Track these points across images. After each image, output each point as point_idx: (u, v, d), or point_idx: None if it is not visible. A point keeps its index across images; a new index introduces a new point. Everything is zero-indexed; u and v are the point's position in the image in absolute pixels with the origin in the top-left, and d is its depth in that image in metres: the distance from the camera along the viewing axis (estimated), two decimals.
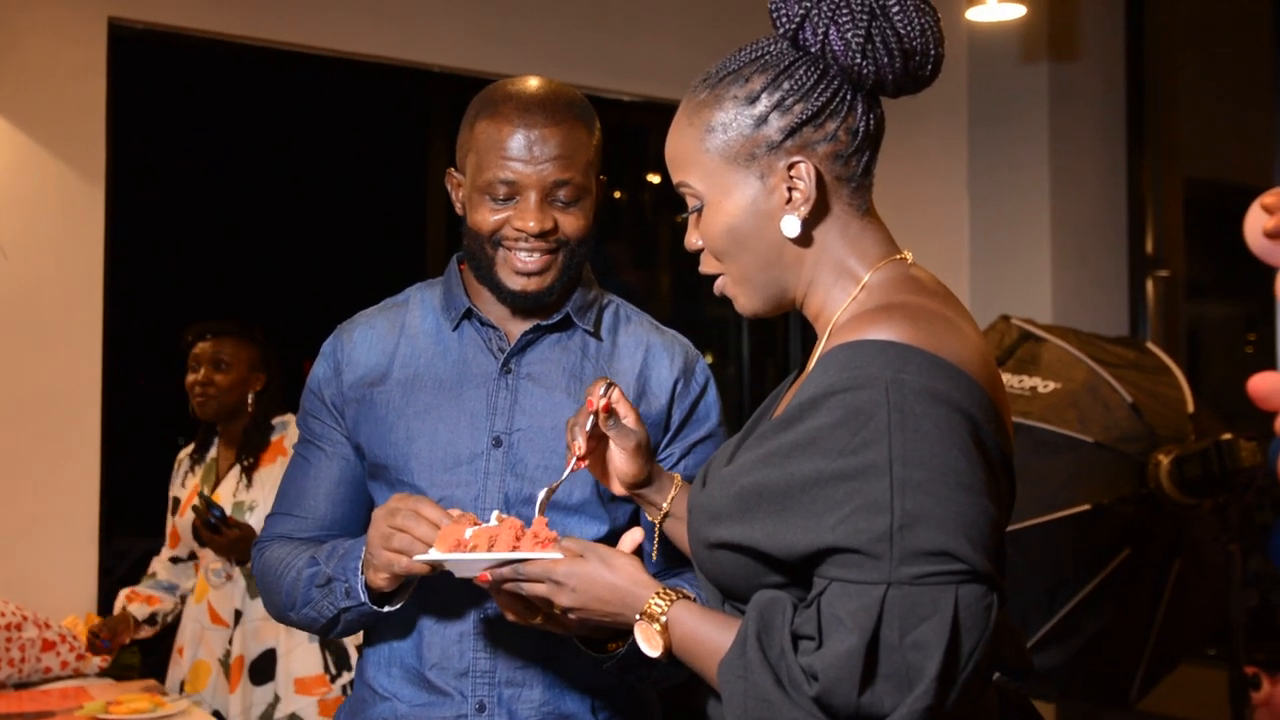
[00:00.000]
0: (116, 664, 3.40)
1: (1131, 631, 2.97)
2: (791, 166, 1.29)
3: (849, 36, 1.26)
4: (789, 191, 1.29)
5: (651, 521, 1.56)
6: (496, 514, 1.44)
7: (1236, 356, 4.97)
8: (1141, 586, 2.94)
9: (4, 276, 3.59)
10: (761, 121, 1.29)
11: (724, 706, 1.21)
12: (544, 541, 1.38)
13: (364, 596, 1.59)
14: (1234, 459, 2.74)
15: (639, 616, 1.33)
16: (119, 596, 3.44)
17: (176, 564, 3.48)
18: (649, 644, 1.32)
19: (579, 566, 1.35)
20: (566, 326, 1.75)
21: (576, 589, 1.35)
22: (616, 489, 1.56)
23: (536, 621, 1.42)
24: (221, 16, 3.87)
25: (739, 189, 1.31)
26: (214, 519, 3.13)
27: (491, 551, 1.38)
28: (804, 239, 1.31)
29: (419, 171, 4.37)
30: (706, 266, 1.38)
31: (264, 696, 3.19)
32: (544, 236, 1.65)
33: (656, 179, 5.17)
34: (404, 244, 4.59)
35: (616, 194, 5.19)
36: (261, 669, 3.21)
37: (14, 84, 3.61)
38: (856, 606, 1.13)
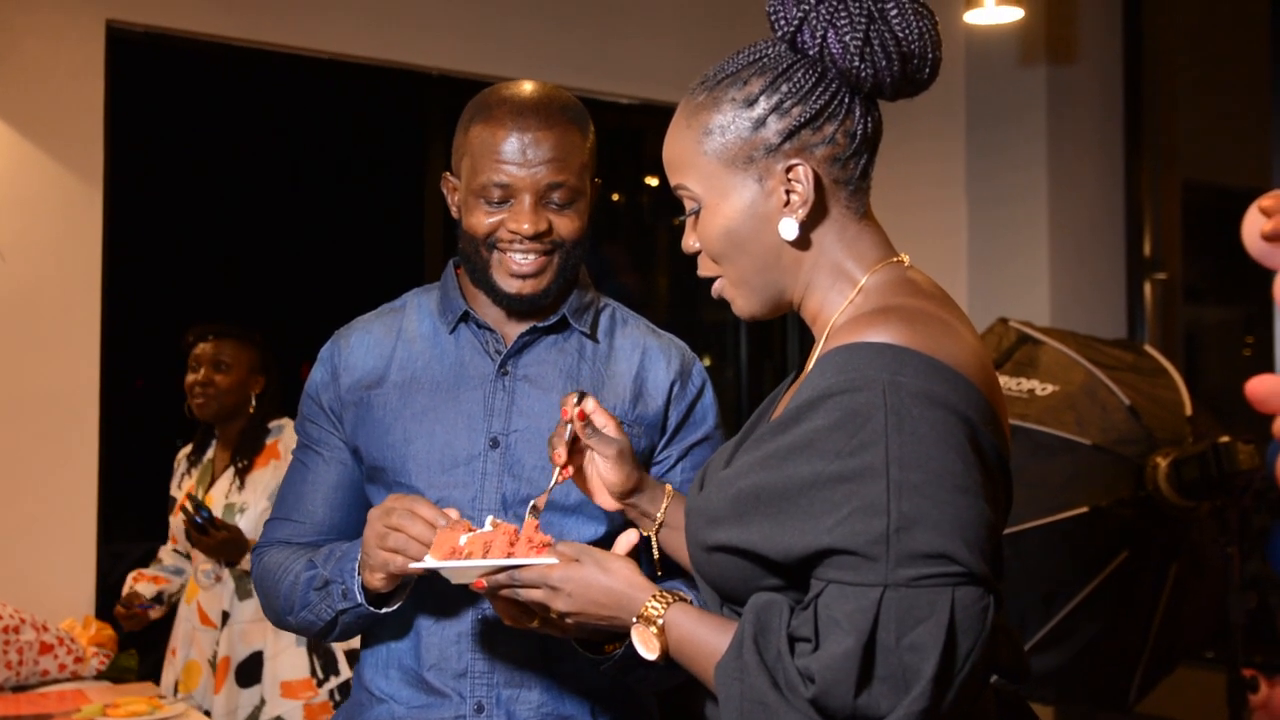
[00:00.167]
0: (114, 666, 3.40)
1: (1129, 634, 2.97)
2: (790, 169, 1.29)
3: (847, 40, 1.26)
4: (787, 194, 1.29)
5: (645, 535, 1.55)
6: (491, 519, 1.44)
7: (1234, 359, 4.97)
8: (1139, 589, 2.94)
9: (2, 278, 3.59)
10: (759, 124, 1.29)
11: (720, 709, 1.21)
12: (539, 546, 1.38)
13: (360, 598, 1.59)
14: (1232, 462, 2.75)
15: (636, 619, 1.33)
16: (127, 579, 3.47)
17: (180, 555, 3.50)
18: (646, 646, 1.32)
19: (574, 571, 1.35)
20: (563, 328, 1.75)
21: (573, 593, 1.35)
22: (606, 503, 1.56)
23: (534, 626, 1.43)
24: (220, 19, 3.87)
25: (737, 191, 1.31)
26: (201, 520, 3.13)
27: (487, 558, 1.37)
28: (802, 242, 1.31)
29: (416, 174, 4.37)
30: (704, 269, 1.38)
31: (250, 699, 3.19)
32: (538, 238, 1.66)
33: (654, 182, 5.17)
34: (401, 246, 4.59)
35: (614, 197, 5.18)
36: (248, 671, 3.21)
37: (12, 86, 3.61)
38: (853, 608, 1.13)
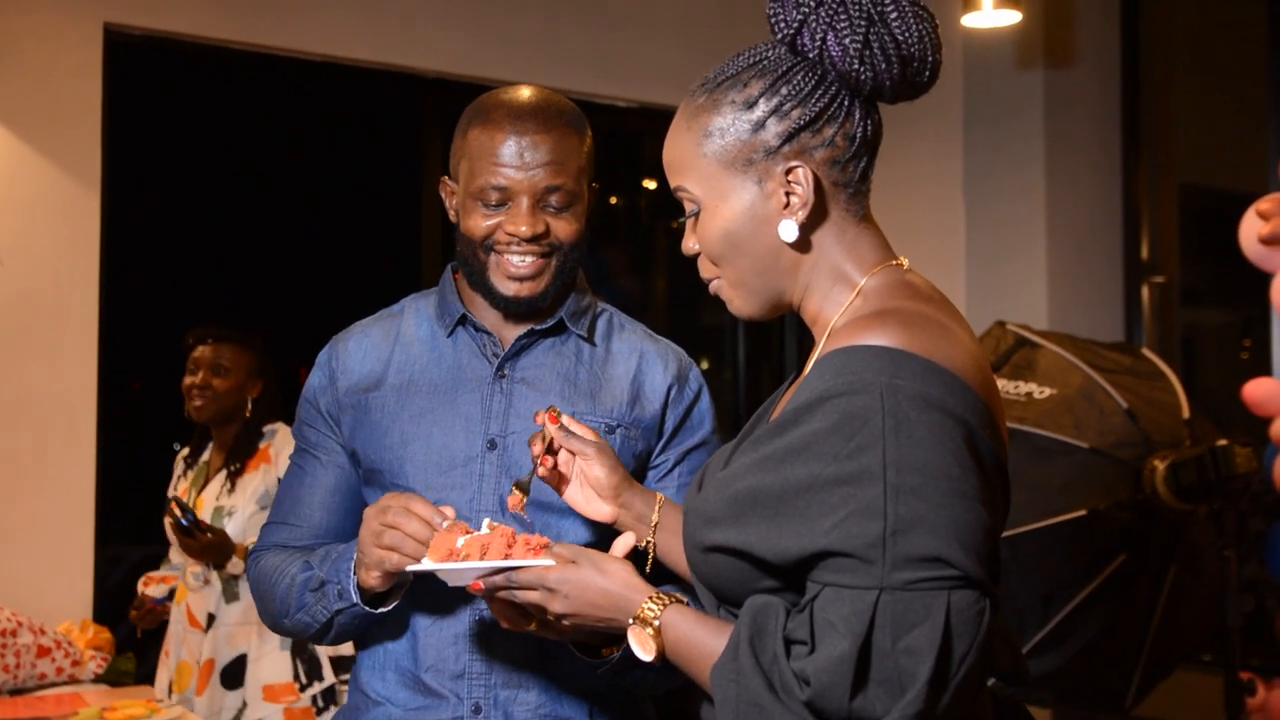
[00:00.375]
0: (112, 670, 3.40)
1: (1127, 637, 2.97)
2: (789, 171, 1.29)
3: (847, 42, 1.26)
4: (787, 196, 1.29)
5: (640, 547, 1.55)
6: (488, 522, 1.44)
7: (1232, 362, 4.97)
8: (1137, 592, 2.94)
9: (0, 281, 3.59)
10: (759, 127, 1.29)
11: (716, 711, 1.21)
12: (536, 549, 1.38)
13: (356, 597, 1.59)
14: (1229, 465, 2.75)
15: (632, 621, 1.33)
16: (139, 585, 3.50)
17: None
18: (643, 648, 1.32)
19: (571, 573, 1.35)
20: (560, 331, 1.75)
21: (570, 595, 1.35)
22: (600, 513, 1.56)
23: (531, 628, 1.43)
24: (217, 22, 3.87)
25: (736, 194, 1.31)
26: (186, 523, 3.13)
27: (484, 560, 1.38)
28: (801, 244, 1.31)
29: (414, 177, 4.37)
30: (705, 270, 1.38)
31: (234, 702, 3.19)
32: (536, 240, 1.66)
33: (652, 184, 5.17)
34: (398, 250, 4.59)
35: (612, 199, 5.18)
36: (233, 674, 3.21)
37: (10, 89, 3.61)
38: (849, 611, 1.13)
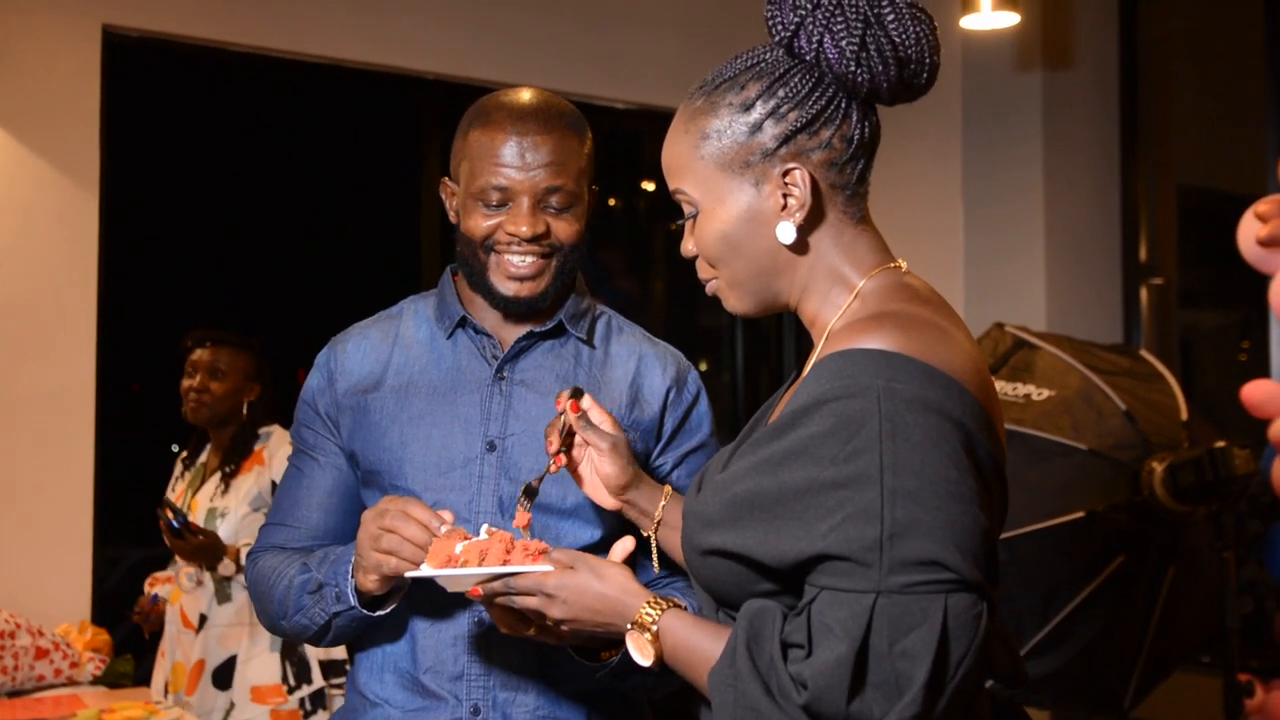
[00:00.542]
0: (110, 672, 3.40)
1: (1125, 639, 2.97)
2: (786, 173, 1.29)
3: (843, 44, 1.26)
4: (784, 198, 1.29)
5: (645, 535, 1.56)
6: (486, 527, 1.44)
7: (1230, 364, 4.98)
8: (1135, 594, 2.94)
9: None
10: (756, 129, 1.29)
11: (714, 714, 1.21)
12: (534, 554, 1.38)
13: (354, 600, 1.59)
14: (1227, 467, 2.75)
15: (630, 626, 1.33)
16: (146, 584, 3.52)
17: None
18: (641, 653, 1.32)
19: (570, 578, 1.35)
20: (560, 333, 1.75)
21: (568, 600, 1.35)
22: (605, 501, 1.57)
23: (530, 633, 1.43)
24: (216, 24, 3.87)
25: (733, 196, 1.31)
26: (177, 525, 3.13)
27: (482, 566, 1.37)
28: (799, 245, 1.31)
29: (412, 179, 4.37)
30: (703, 271, 1.38)
31: (223, 703, 3.19)
32: (536, 241, 1.66)
33: (651, 186, 5.17)
34: (398, 252, 4.59)
35: (611, 201, 5.18)
36: (224, 675, 3.21)
37: (8, 90, 3.61)
38: (846, 615, 1.13)
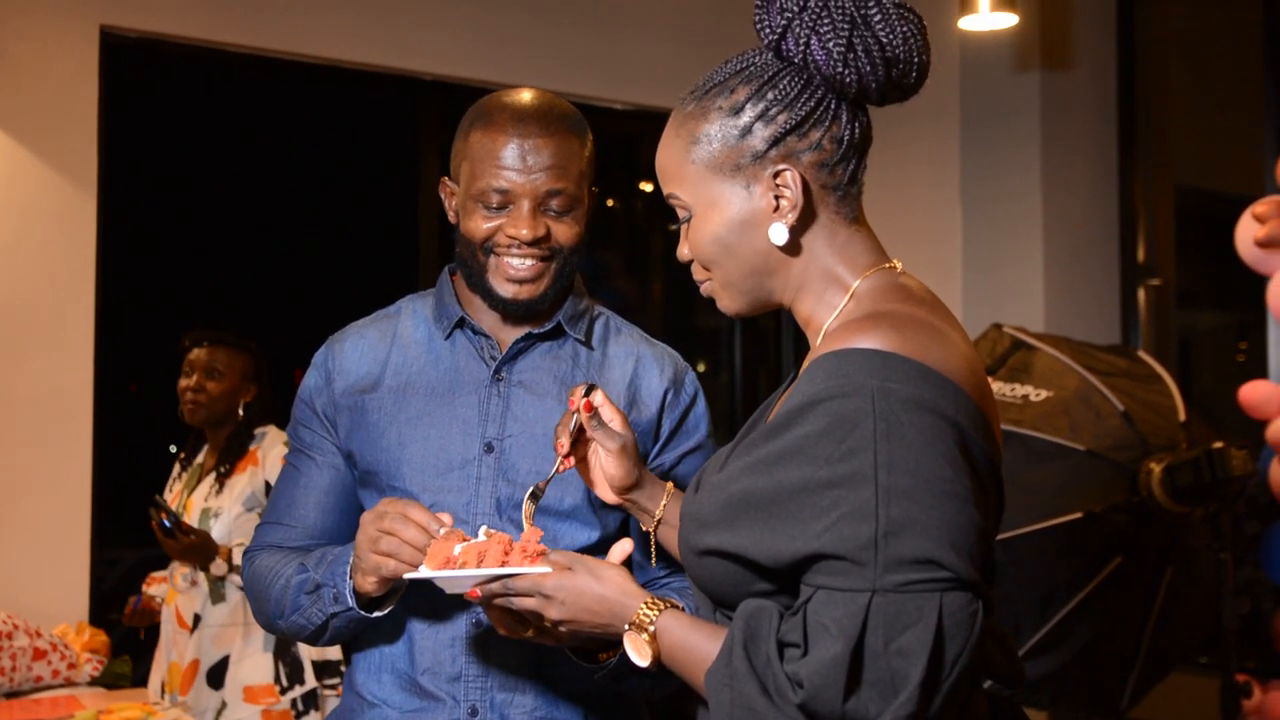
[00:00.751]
0: (108, 673, 3.40)
1: (1123, 639, 2.97)
2: (777, 175, 1.29)
3: (830, 45, 1.26)
4: (776, 200, 1.30)
5: (646, 531, 1.57)
6: (484, 529, 1.44)
7: (1228, 365, 4.98)
8: (1133, 594, 2.94)
9: None
10: (746, 132, 1.30)
11: (711, 715, 1.21)
12: (532, 555, 1.38)
13: (352, 601, 1.59)
14: (1225, 468, 2.75)
15: (628, 627, 1.33)
16: (144, 584, 3.52)
17: None
18: (638, 653, 1.32)
19: (567, 579, 1.35)
20: (558, 335, 1.75)
21: (566, 602, 1.35)
22: (607, 496, 1.57)
23: (528, 635, 1.43)
24: (213, 25, 3.87)
25: (725, 198, 1.32)
26: (169, 525, 3.12)
27: (480, 567, 1.38)
28: (792, 247, 1.32)
29: (411, 180, 4.37)
30: (698, 274, 1.39)
31: (215, 702, 3.20)
32: (536, 244, 1.66)
33: (649, 187, 5.18)
34: (396, 252, 4.59)
35: (609, 202, 5.19)
36: (218, 674, 3.22)
37: (6, 91, 3.61)
38: (842, 613, 1.13)
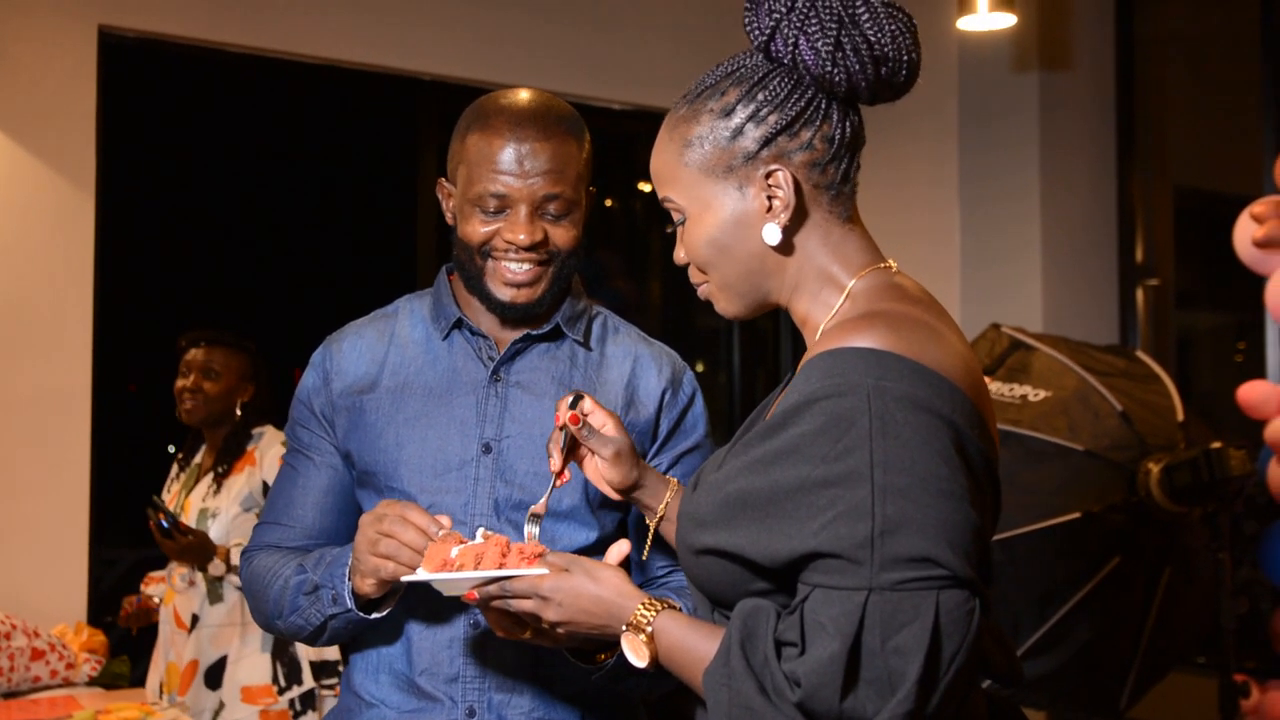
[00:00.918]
0: (106, 673, 3.40)
1: (1122, 639, 2.97)
2: (769, 175, 1.29)
3: (819, 45, 1.26)
4: (768, 200, 1.30)
5: (649, 526, 1.57)
6: (482, 531, 1.44)
7: (1226, 365, 4.98)
8: (1131, 594, 2.94)
9: None
10: (738, 133, 1.30)
11: (709, 714, 1.21)
12: (529, 557, 1.38)
13: (350, 603, 1.59)
14: (1223, 468, 2.75)
15: (625, 628, 1.33)
16: (142, 583, 3.51)
17: None
18: (636, 654, 1.32)
19: (564, 581, 1.35)
20: (556, 336, 1.75)
21: (563, 603, 1.35)
22: (611, 494, 1.57)
23: (525, 636, 1.43)
24: (212, 24, 3.88)
25: (718, 200, 1.32)
26: (165, 525, 3.12)
27: (478, 570, 1.38)
28: (785, 247, 1.32)
29: (409, 180, 4.37)
30: (695, 277, 1.39)
31: (212, 702, 3.20)
32: (534, 249, 1.66)
33: (647, 187, 5.17)
34: (395, 253, 4.59)
35: (607, 202, 5.19)
36: (215, 674, 3.22)
37: (4, 91, 3.61)
38: (838, 612, 1.13)
